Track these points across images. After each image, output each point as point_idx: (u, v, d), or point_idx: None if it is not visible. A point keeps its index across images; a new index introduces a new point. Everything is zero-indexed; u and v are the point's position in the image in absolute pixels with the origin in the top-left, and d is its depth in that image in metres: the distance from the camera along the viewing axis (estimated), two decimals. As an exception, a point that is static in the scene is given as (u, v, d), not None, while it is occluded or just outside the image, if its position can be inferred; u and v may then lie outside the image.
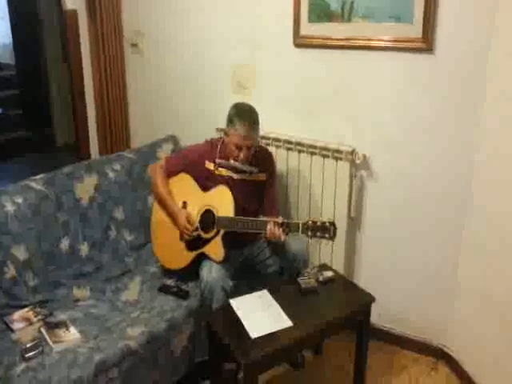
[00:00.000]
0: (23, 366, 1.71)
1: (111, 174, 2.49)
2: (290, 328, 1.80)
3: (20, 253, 2.07)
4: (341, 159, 2.32)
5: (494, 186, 1.99)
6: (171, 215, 2.20)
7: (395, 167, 2.29)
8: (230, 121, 2.09)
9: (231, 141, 2.09)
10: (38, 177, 2.27)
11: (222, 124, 2.46)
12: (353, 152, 2.30)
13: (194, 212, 2.17)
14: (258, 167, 2.18)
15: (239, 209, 2.09)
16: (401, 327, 2.45)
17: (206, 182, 2.19)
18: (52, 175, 2.31)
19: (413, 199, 2.27)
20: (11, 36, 5.62)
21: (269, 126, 2.24)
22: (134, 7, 3.05)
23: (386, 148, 2.29)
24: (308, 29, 2.37)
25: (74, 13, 3.07)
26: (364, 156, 2.31)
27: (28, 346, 1.78)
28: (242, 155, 2.09)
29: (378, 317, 2.36)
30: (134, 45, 3.11)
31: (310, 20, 2.35)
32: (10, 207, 2.09)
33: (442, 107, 2.11)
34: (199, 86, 2.87)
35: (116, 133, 3.24)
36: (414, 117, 2.19)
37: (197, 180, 2.22)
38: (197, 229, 2.13)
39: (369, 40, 2.21)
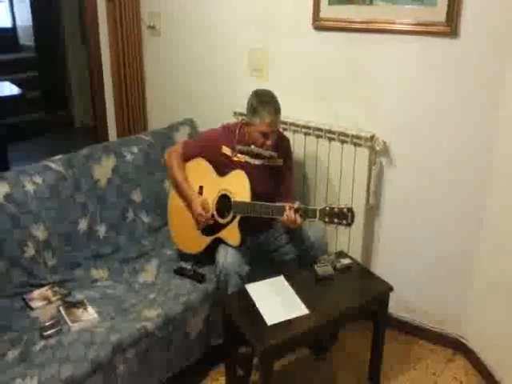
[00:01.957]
0: (42, 343, 1.74)
1: (129, 157, 2.50)
2: (306, 316, 1.79)
3: (39, 232, 2.10)
4: (360, 145, 2.28)
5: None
6: (187, 200, 2.20)
7: (415, 154, 2.24)
8: (254, 110, 2.06)
9: (256, 129, 2.06)
10: (56, 157, 2.29)
11: (239, 107, 2.45)
12: (372, 138, 2.26)
13: (211, 197, 2.16)
14: (275, 152, 2.16)
15: (256, 194, 2.08)
16: (418, 317, 2.43)
17: (222, 167, 2.18)
18: (70, 156, 2.33)
19: (433, 187, 2.23)
20: (31, 18, 5.64)
21: (286, 110, 2.21)
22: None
23: (405, 134, 2.25)
24: (328, 11, 2.32)
25: (93, -6, 3.07)
26: (384, 142, 2.26)
27: (47, 324, 1.81)
28: (268, 142, 2.08)
29: (395, 306, 2.34)
30: (152, 27, 3.10)
31: (331, 2, 2.31)
32: (29, 187, 2.11)
33: (465, 93, 2.05)
34: (216, 68, 2.85)
35: (133, 115, 3.25)
36: (436, 102, 2.13)
37: (213, 165, 2.21)
38: (212, 216, 2.13)
39: (390, 23, 2.15)
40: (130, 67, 3.15)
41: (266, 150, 2.10)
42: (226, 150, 2.18)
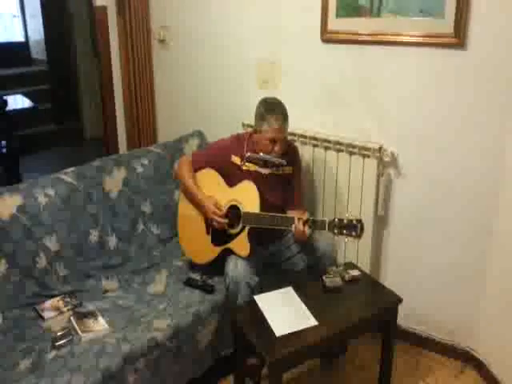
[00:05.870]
0: (54, 353, 1.75)
1: (139, 168, 2.53)
2: (315, 327, 1.79)
3: (51, 244, 2.13)
4: (368, 156, 2.29)
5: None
6: (199, 204, 2.21)
7: (423, 165, 2.24)
8: (261, 117, 2.08)
9: (264, 136, 2.08)
10: (68, 170, 2.33)
11: (248, 119, 2.47)
12: (380, 149, 2.27)
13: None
14: (284, 160, 2.17)
15: (266, 204, 2.10)
16: (427, 329, 2.41)
17: (232, 177, 2.20)
18: (82, 168, 2.36)
19: (441, 198, 2.23)
20: (43, 33, 5.76)
21: (294, 121, 2.24)
22: (161, 3, 3.08)
23: (413, 145, 2.25)
24: (336, 24, 2.35)
25: (104, 9, 3.13)
26: (392, 153, 2.27)
27: (58, 334, 1.82)
28: (277, 148, 2.09)
29: (404, 317, 2.33)
30: (162, 40, 3.14)
31: (338, 15, 2.33)
32: (42, 199, 2.15)
33: (476, 104, 2.05)
34: (225, 81, 2.88)
35: (143, 127, 3.28)
36: (444, 113, 2.14)
37: (223, 175, 2.22)
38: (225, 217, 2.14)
39: (398, 35, 2.17)
40: (141, 80, 3.20)
41: (275, 157, 2.12)
42: (236, 160, 2.20)
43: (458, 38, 2.01)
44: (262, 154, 2.12)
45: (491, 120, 2.03)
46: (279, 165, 2.16)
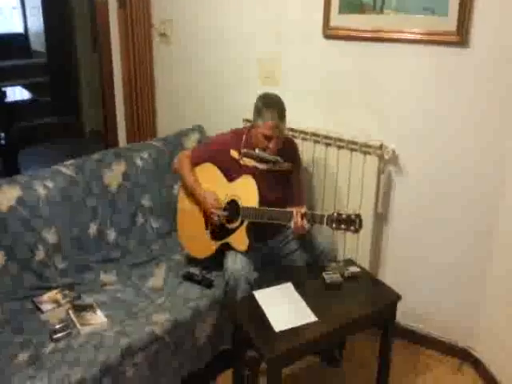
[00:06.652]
0: (52, 346, 1.75)
1: (139, 162, 2.53)
2: (314, 323, 1.78)
3: (50, 236, 2.13)
4: (369, 153, 2.28)
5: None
6: (199, 199, 2.20)
7: (423, 164, 2.24)
8: (258, 112, 2.08)
9: (260, 132, 2.08)
10: (68, 162, 2.32)
11: (249, 115, 2.45)
12: (381, 146, 2.26)
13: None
14: (282, 157, 2.16)
15: (264, 199, 2.09)
16: (426, 326, 2.41)
17: (231, 171, 2.19)
18: (82, 161, 2.36)
19: (441, 197, 2.23)
20: (43, 24, 5.72)
21: (295, 118, 2.23)
22: (163, -3, 3.07)
23: (413, 144, 2.25)
24: (338, 20, 2.34)
25: (105, 2, 3.10)
26: (393, 151, 2.27)
27: (56, 327, 1.82)
28: (271, 145, 2.08)
29: (403, 315, 2.33)
30: (163, 34, 3.13)
31: (341, 11, 2.32)
32: (41, 191, 2.14)
33: (478, 103, 2.05)
34: (226, 76, 2.87)
35: (143, 121, 3.27)
36: (444, 113, 2.14)
37: (222, 170, 2.22)
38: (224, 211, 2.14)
39: (400, 32, 2.17)
40: (141, 73, 3.18)
41: (269, 154, 2.11)
42: (234, 154, 2.19)
43: (461, 36, 2.01)
44: (257, 150, 2.11)
45: (491, 120, 2.03)
46: (275, 161, 2.15)
